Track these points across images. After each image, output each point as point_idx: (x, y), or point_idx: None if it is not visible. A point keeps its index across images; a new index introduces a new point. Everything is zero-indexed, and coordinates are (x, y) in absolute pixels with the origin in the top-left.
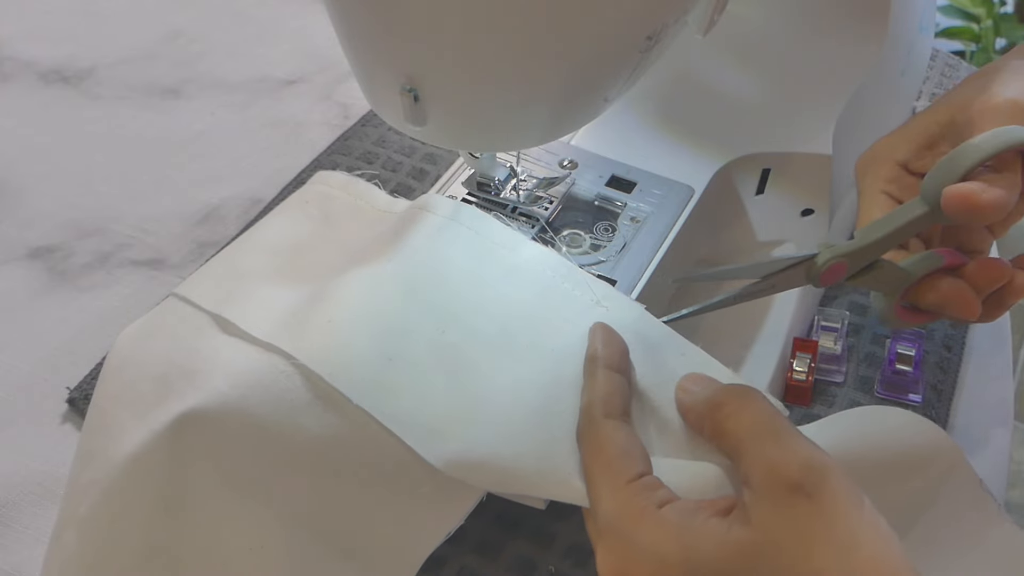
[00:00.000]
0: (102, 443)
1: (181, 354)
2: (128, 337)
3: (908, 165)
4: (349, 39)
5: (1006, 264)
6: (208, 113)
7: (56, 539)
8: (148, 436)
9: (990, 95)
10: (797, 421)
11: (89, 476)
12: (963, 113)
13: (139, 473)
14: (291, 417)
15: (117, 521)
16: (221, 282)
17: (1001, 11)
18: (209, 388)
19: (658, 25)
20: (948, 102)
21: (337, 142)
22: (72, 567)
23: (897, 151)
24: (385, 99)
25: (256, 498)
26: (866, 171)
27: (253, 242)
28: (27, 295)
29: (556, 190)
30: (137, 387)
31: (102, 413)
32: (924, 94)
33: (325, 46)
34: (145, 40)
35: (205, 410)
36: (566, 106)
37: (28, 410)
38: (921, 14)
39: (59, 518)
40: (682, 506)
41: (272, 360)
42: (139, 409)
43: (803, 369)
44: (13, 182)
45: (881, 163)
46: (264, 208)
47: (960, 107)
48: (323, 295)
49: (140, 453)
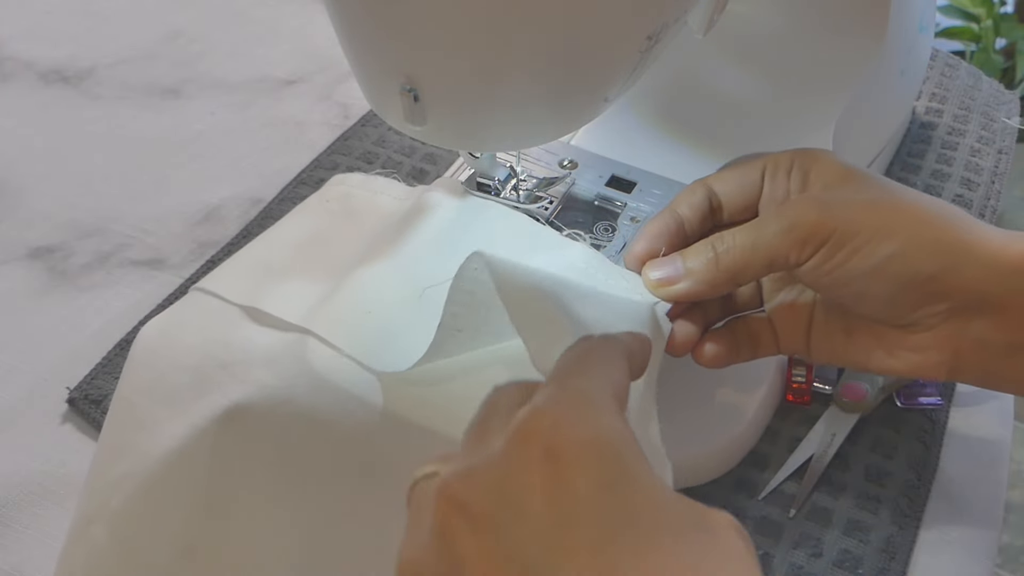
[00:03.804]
0: (134, 437)
1: (215, 346)
2: (153, 329)
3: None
4: (349, 39)
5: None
6: (208, 113)
7: (80, 533)
8: (190, 431)
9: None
10: (797, 420)
11: (121, 470)
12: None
13: (181, 468)
14: (340, 404)
15: (156, 516)
16: (247, 276)
17: (1001, 11)
18: (252, 380)
19: (658, 25)
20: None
21: (337, 142)
22: (103, 560)
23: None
24: (385, 99)
25: (297, 495)
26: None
27: (275, 238)
28: (27, 295)
29: (556, 190)
30: (170, 379)
31: (131, 406)
32: (924, 94)
33: (325, 46)
34: (145, 40)
35: (251, 403)
36: (566, 106)
37: (28, 410)
38: (921, 14)
39: (82, 512)
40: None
41: (314, 348)
42: (174, 402)
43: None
44: (13, 182)
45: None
46: (264, 208)
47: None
48: (355, 285)
49: (182, 448)
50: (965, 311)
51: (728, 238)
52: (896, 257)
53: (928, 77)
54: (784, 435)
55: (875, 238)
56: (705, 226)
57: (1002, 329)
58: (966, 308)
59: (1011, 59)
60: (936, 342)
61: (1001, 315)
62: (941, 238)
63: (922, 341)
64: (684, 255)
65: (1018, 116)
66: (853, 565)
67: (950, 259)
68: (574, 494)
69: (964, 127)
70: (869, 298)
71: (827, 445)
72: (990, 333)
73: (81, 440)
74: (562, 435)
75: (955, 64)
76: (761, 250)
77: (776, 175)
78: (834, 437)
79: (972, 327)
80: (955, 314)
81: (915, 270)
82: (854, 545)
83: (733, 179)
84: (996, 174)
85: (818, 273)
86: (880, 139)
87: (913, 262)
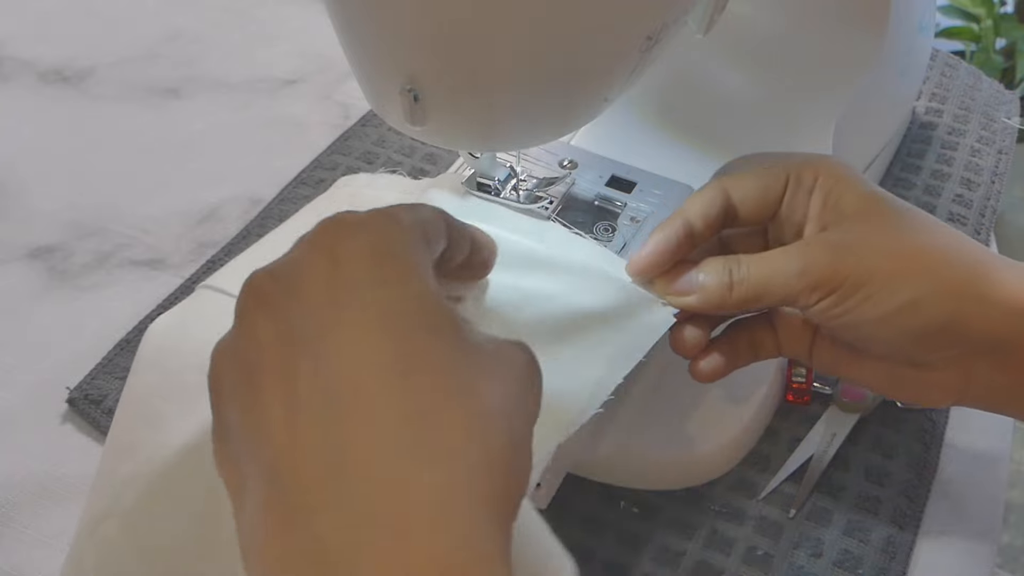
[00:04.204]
0: (145, 435)
1: None
2: (162, 327)
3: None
4: (349, 40)
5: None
6: (208, 113)
7: (91, 531)
8: (202, 427)
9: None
10: (797, 420)
11: (132, 468)
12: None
13: (194, 464)
14: None
15: (169, 512)
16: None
17: (1001, 11)
18: None
19: (658, 25)
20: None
21: (337, 142)
22: (116, 558)
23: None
24: (385, 99)
25: None
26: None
27: (282, 237)
28: (27, 295)
29: (556, 190)
30: (181, 377)
31: (141, 404)
32: (924, 94)
33: (325, 46)
34: (145, 40)
35: None
36: (566, 106)
37: (28, 410)
38: (921, 14)
39: (92, 512)
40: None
41: None
42: (185, 400)
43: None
44: (13, 182)
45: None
46: (264, 208)
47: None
48: None
49: (194, 444)
50: (975, 354)
51: (744, 268)
52: (908, 307)
53: (928, 77)
54: (784, 435)
55: (888, 287)
56: (717, 229)
57: (1009, 371)
58: (976, 351)
59: (1011, 59)
60: (944, 379)
61: (1010, 358)
62: (957, 286)
63: (930, 378)
64: (701, 268)
65: (1018, 116)
66: (853, 565)
67: (964, 308)
68: (346, 283)
69: (964, 127)
70: (879, 342)
71: (827, 445)
72: (997, 374)
73: (81, 440)
74: (345, 239)
75: (955, 64)
76: (773, 288)
77: (797, 192)
78: (834, 437)
79: (981, 367)
80: (966, 356)
81: (927, 320)
82: (854, 545)
83: (752, 187)
84: (996, 174)
85: (827, 316)
86: (880, 139)
87: (926, 312)
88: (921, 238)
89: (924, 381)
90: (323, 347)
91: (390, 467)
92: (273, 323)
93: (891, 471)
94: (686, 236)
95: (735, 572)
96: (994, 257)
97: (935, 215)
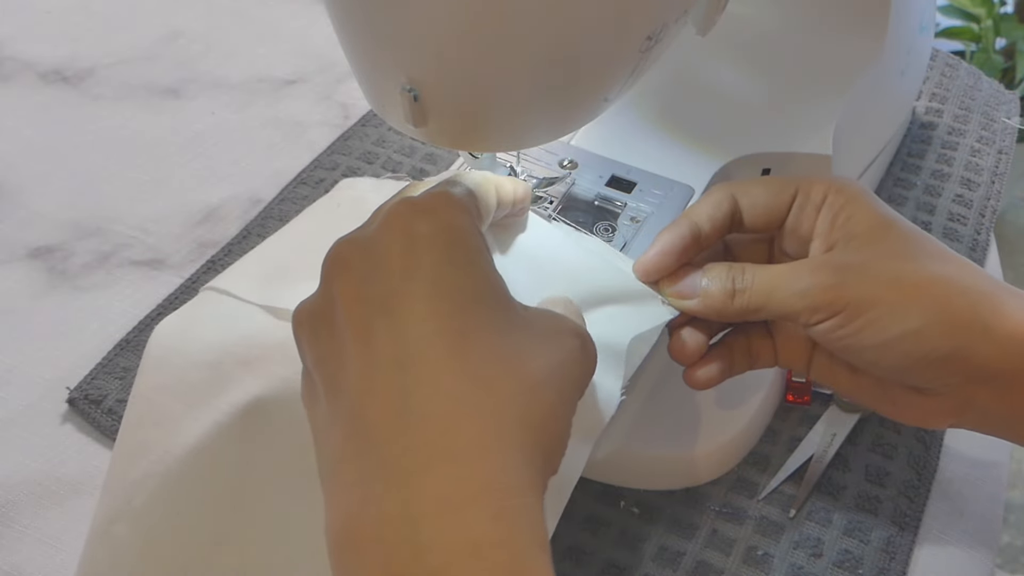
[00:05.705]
0: (154, 435)
1: (232, 342)
2: (169, 327)
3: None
4: (350, 40)
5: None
6: (208, 113)
7: (102, 533)
8: (212, 427)
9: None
10: (797, 420)
11: (142, 469)
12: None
13: (204, 464)
14: None
15: (180, 513)
16: (259, 275)
17: (1001, 11)
18: (269, 374)
19: (658, 25)
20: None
21: (337, 142)
22: (129, 558)
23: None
24: (385, 99)
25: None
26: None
27: (285, 240)
28: (27, 295)
29: (556, 190)
30: (189, 377)
31: (150, 405)
32: (924, 94)
33: (325, 46)
34: (145, 40)
35: (272, 397)
36: (566, 106)
37: (28, 410)
38: (921, 14)
39: (102, 513)
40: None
41: None
42: (194, 399)
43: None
44: (13, 182)
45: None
46: (264, 208)
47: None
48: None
49: (204, 444)
50: (976, 382)
51: (748, 277)
52: (911, 336)
53: (928, 77)
54: (784, 435)
55: (890, 314)
56: (723, 232)
57: (1008, 401)
58: (977, 380)
59: (1011, 59)
60: (942, 404)
61: (1010, 388)
62: (963, 318)
63: (928, 402)
64: (706, 273)
65: (1018, 116)
66: (853, 565)
67: (968, 340)
68: (419, 260)
69: (964, 127)
70: (878, 366)
71: (827, 445)
72: (996, 403)
73: (81, 440)
74: (419, 223)
75: (955, 64)
76: (775, 303)
77: (805, 207)
78: (834, 437)
79: (981, 395)
80: (966, 384)
81: (929, 349)
82: (854, 545)
83: (761, 196)
84: (996, 174)
85: (828, 338)
86: (880, 139)
87: (929, 342)
88: (930, 267)
89: (922, 404)
90: (397, 309)
91: (447, 411)
92: (355, 286)
93: (891, 471)
94: (692, 238)
95: (735, 572)
96: (1002, 288)
97: (935, 215)
